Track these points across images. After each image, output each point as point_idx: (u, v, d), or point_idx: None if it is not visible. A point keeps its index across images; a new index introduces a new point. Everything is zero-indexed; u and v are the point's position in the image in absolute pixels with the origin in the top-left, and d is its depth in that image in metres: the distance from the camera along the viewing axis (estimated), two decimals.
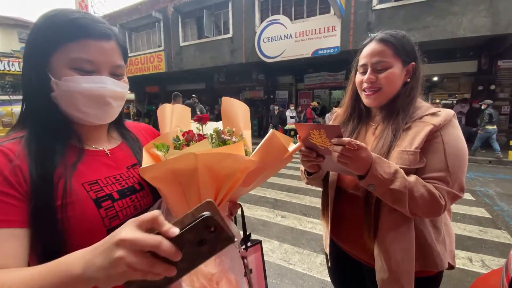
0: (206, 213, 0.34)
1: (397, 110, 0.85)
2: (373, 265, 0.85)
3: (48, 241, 0.48)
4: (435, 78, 9.03)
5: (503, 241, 2.78)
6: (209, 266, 0.57)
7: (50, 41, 0.52)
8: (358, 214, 0.87)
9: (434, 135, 0.78)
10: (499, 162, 6.52)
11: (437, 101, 7.49)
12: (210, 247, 0.37)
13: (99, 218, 0.53)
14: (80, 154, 0.57)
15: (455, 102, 8.85)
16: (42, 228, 0.48)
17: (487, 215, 3.42)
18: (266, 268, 1.11)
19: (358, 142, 0.69)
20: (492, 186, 4.67)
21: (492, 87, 8.07)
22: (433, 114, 0.81)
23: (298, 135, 0.76)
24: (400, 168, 0.76)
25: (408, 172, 0.77)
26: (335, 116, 1.10)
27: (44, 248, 0.48)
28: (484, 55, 7.97)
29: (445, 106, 8.62)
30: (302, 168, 1.01)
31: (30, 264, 0.49)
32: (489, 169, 6.04)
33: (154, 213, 0.34)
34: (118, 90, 0.59)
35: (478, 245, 2.71)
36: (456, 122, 0.81)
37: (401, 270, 0.79)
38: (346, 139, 0.69)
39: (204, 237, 0.35)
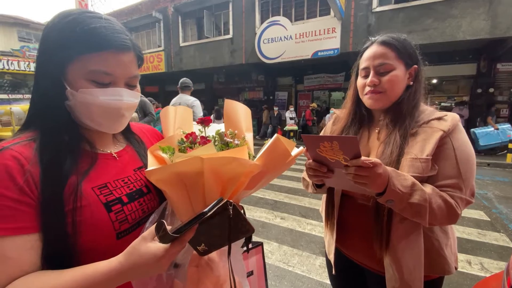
0: (230, 201, 0.45)
1: (403, 115, 0.84)
2: (381, 271, 0.85)
3: (56, 245, 0.48)
4: (434, 81, 9.07)
5: (502, 244, 2.79)
6: (213, 269, 0.58)
7: (69, 50, 0.50)
8: (366, 223, 0.86)
9: (443, 141, 0.77)
10: (497, 164, 6.55)
11: (436, 102, 7.55)
12: (228, 232, 0.47)
13: (109, 222, 0.53)
14: (93, 159, 0.57)
15: (453, 104, 8.89)
16: (52, 232, 0.47)
17: (486, 218, 3.43)
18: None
19: (372, 159, 0.66)
20: (491, 188, 4.70)
21: (491, 90, 8.11)
22: (440, 119, 0.80)
23: (305, 148, 0.73)
24: (413, 176, 0.74)
25: (420, 180, 0.75)
26: (334, 118, 1.08)
27: (51, 252, 0.48)
28: (483, 58, 8.02)
29: (444, 108, 8.66)
30: (309, 180, 0.97)
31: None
32: (487, 171, 6.06)
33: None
34: (133, 101, 0.59)
35: (477, 247, 2.72)
36: (461, 126, 0.81)
37: (413, 277, 0.79)
38: (359, 160, 0.64)
39: (223, 220, 0.46)
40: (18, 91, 8.90)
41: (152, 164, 0.57)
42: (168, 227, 0.42)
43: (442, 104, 9.01)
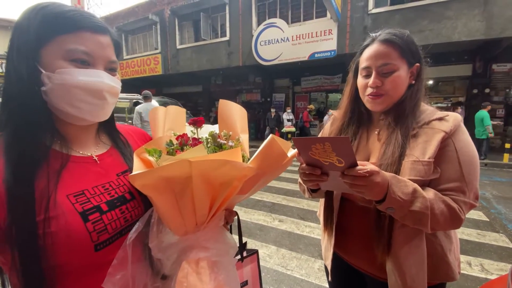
0: None
1: (405, 114, 0.80)
2: (382, 278, 0.81)
3: (28, 260, 0.43)
4: (430, 82, 9.10)
5: (502, 244, 2.77)
6: (204, 282, 0.53)
7: (43, 32, 0.49)
8: (367, 226, 0.82)
9: (445, 142, 0.74)
10: (495, 164, 6.56)
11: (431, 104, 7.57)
12: None
13: (85, 232, 0.48)
14: (63, 161, 0.52)
15: (449, 105, 8.92)
16: (21, 246, 0.42)
17: (485, 218, 3.41)
18: (263, 274, 1.07)
19: (368, 167, 0.63)
20: (489, 189, 4.69)
21: (487, 90, 8.15)
22: (441, 119, 0.77)
23: (297, 152, 0.69)
24: (414, 180, 0.71)
25: (422, 184, 0.73)
26: (332, 120, 1.04)
27: (25, 268, 0.43)
28: (478, 59, 8.06)
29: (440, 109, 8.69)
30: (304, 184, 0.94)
31: (12, 286, 0.45)
32: (485, 171, 6.06)
33: None
34: (114, 86, 0.56)
35: (477, 248, 2.69)
36: (464, 126, 0.78)
37: (416, 284, 0.75)
38: (354, 169, 0.62)
39: None
40: None
41: (137, 168, 0.52)
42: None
43: (438, 105, 9.05)
